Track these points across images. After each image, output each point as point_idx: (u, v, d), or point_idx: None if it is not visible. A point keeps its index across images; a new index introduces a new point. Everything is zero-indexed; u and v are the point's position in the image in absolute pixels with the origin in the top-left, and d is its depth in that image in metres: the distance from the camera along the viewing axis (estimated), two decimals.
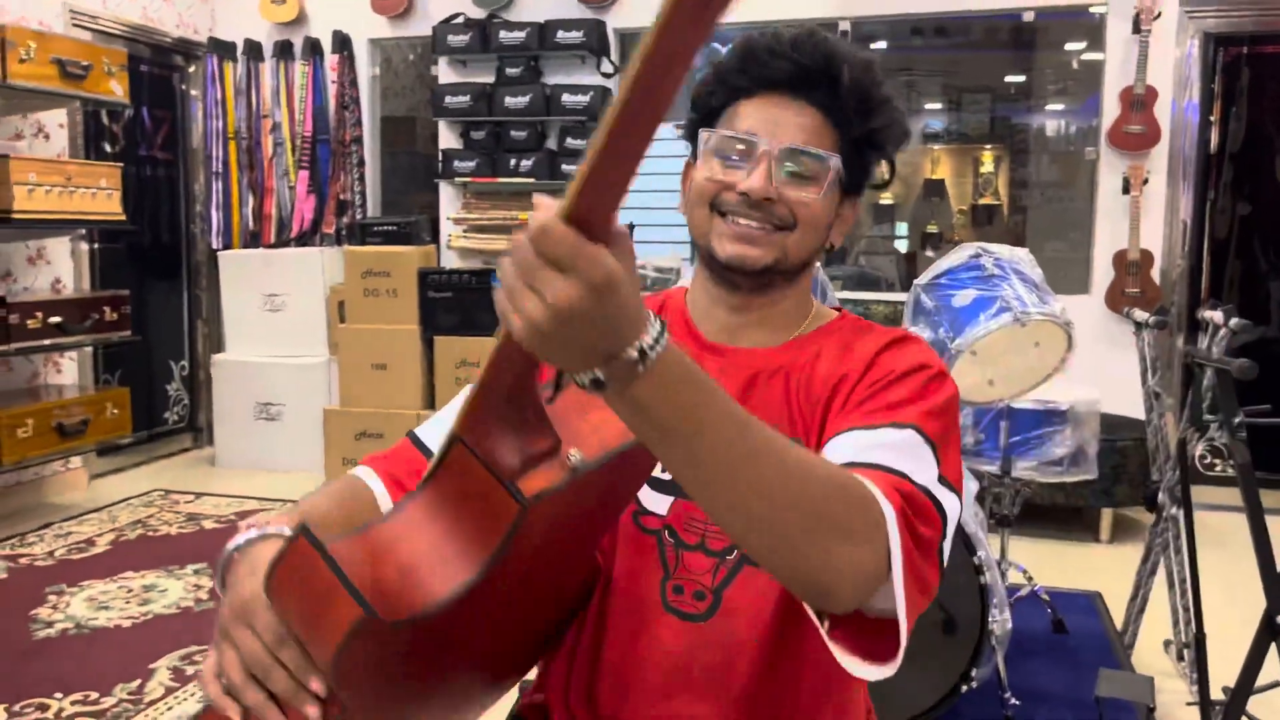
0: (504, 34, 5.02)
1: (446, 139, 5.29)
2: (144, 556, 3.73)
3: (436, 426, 1.08)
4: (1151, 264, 4.41)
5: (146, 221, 5.26)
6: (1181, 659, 2.77)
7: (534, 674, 1.12)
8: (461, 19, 5.14)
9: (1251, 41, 4.94)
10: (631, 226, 3.58)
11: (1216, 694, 2.26)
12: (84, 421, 4.12)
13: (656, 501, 1.06)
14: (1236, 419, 2.10)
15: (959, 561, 2.24)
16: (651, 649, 1.03)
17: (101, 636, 3.01)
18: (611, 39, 5.03)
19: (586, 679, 1.06)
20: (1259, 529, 1.98)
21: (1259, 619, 2.00)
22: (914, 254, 7.39)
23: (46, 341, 3.97)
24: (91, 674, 2.76)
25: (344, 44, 5.37)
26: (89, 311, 4.16)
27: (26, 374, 4.46)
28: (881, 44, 6.09)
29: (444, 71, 5.28)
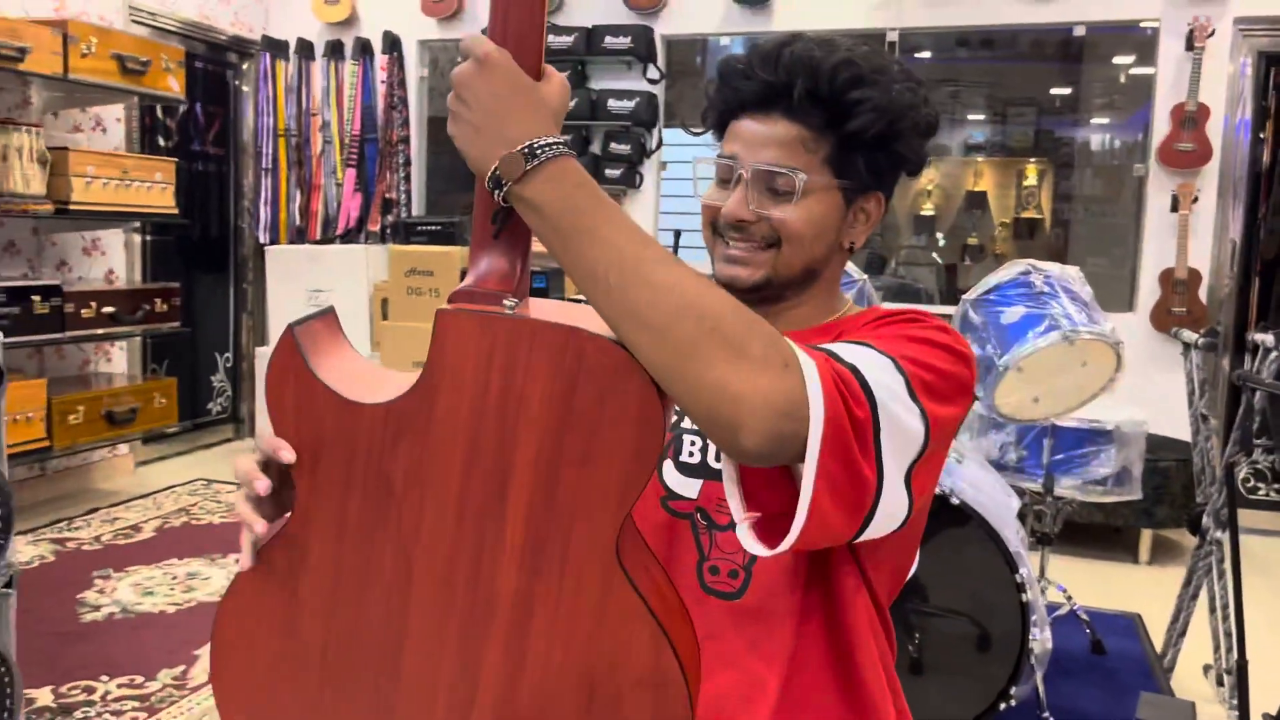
0: (552, 38, 5.06)
1: None
2: (188, 544, 3.80)
3: None
4: (1199, 283, 4.36)
5: (196, 215, 5.35)
6: (1221, 684, 2.74)
7: None
8: None
9: None
10: (678, 234, 3.60)
11: None
12: (133, 410, 4.21)
13: (685, 485, 1.08)
14: None
15: (999, 579, 2.24)
16: (700, 631, 1.05)
17: (146, 621, 3.08)
18: (659, 45, 5.06)
19: None
20: None
21: None
22: (954, 265, 7.34)
23: (99, 331, 4.06)
24: (137, 658, 2.82)
25: (394, 45, 5.44)
26: (141, 303, 4.24)
27: (78, 361, 4.56)
28: (926, 54, 6.07)
29: None
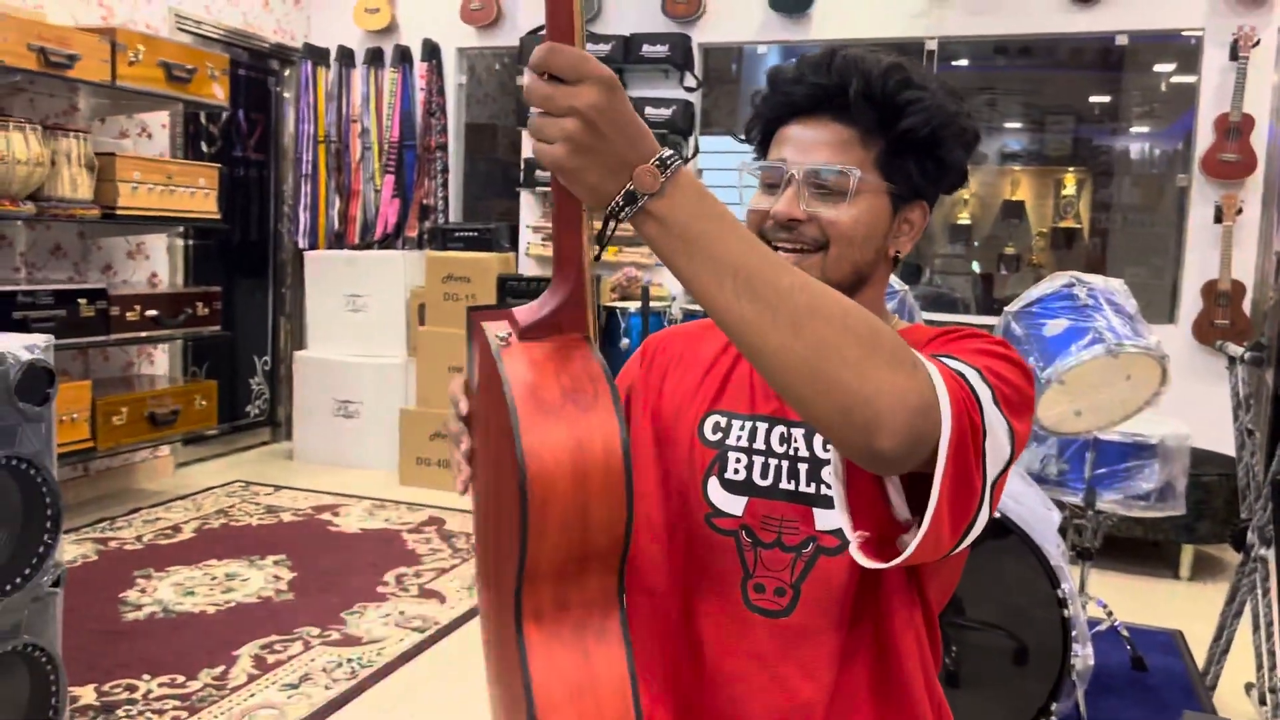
0: (590, 46, 5.07)
1: (529, 148, 5.37)
2: (227, 545, 3.85)
3: None
4: (1243, 295, 4.30)
5: (237, 220, 5.42)
6: (1264, 704, 2.70)
7: None
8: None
9: None
10: None
11: None
12: (174, 412, 4.27)
13: (730, 503, 1.08)
14: None
15: (1040, 593, 2.22)
16: (745, 650, 1.06)
17: (186, 621, 3.12)
18: (696, 53, 5.07)
19: (686, 690, 1.08)
20: None
21: None
22: (990, 275, 7.29)
23: (143, 334, 4.12)
24: (178, 657, 2.86)
25: (433, 52, 5.48)
26: (183, 306, 4.31)
27: (121, 363, 4.64)
28: (963, 62, 6.03)
29: None
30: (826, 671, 1.04)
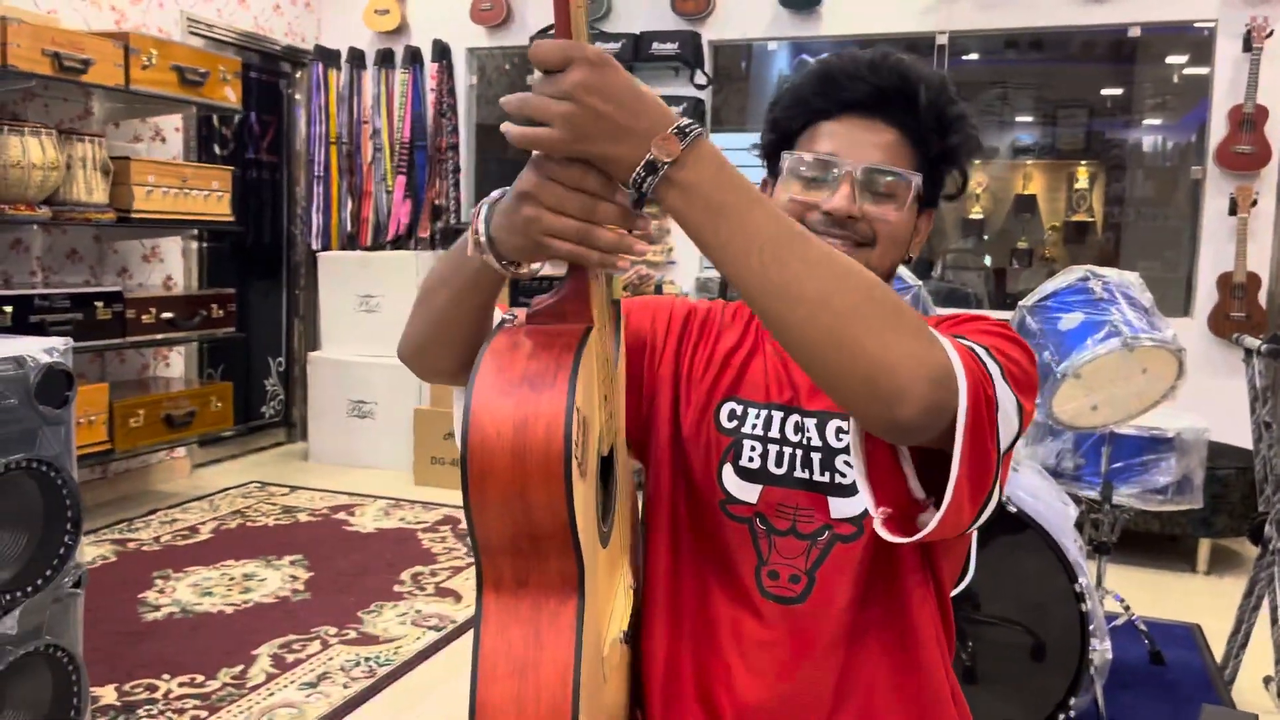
0: (599, 45, 5.08)
1: None
2: (244, 546, 3.87)
3: None
4: (1259, 287, 4.28)
5: (250, 222, 5.45)
6: None
7: None
8: None
9: None
10: None
11: None
12: (190, 414, 4.29)
13: (745, 490, 1.08)
14: None
15: (1057, 588, 2.21)
16: (758, 636, 1.06)
17: (205, 622, 3.14)
18: (706, 51, 5.07)
19: (704, 675, 1.08)
20: None
21: None
22: (1002, 270, 7.26)
23: (159, 336, 4.15)
24: (197, 657, 2.88)
25: (443, 53, 5.50)
26: (198, 308, 4.33)
27: (137, 365, 4.67)
28: (974, 55, 6.01)
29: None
30: (842, 656, 1.04)
